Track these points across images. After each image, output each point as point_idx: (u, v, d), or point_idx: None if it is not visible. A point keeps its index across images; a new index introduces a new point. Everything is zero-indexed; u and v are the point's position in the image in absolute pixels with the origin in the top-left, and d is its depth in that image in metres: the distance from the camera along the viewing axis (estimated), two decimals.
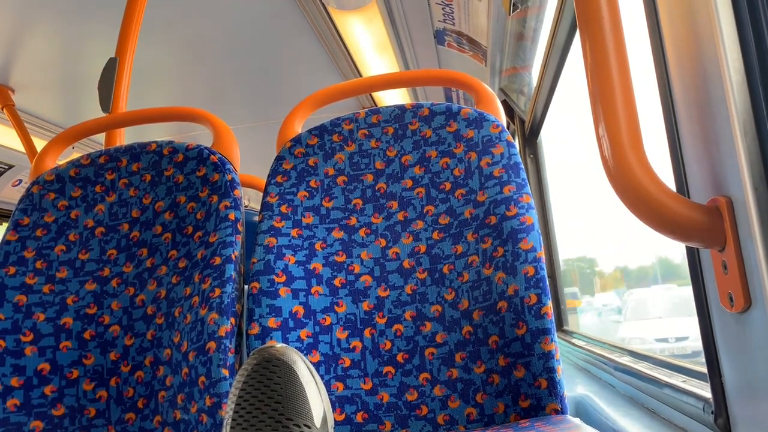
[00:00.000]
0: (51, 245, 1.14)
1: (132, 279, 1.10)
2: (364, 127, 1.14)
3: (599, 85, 0.60)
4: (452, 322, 0.96)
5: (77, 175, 1.19)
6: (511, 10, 1.84)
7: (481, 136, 1.06)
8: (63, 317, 1.07)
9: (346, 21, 2.40)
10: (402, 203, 1.07)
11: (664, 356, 1.14)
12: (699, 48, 0.59)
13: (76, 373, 1.04)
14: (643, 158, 0.59)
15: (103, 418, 1.01)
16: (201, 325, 0.96)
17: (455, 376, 0.93)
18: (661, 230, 0.59)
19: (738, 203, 0.55)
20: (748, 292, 0.56)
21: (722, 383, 0.65)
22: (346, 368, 0.97)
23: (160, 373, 1.00)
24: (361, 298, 1.01)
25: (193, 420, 0.91)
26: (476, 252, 0.97)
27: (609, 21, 0.60)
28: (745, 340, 0.58)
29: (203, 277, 1.01)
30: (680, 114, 0.66)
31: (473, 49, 2.52)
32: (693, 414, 0.82)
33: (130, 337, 1.05)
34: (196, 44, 2.51)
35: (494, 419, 0.89)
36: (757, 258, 0.53)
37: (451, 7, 2.29)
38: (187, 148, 1.15)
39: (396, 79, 1.29)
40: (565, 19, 1.63)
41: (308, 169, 1.12)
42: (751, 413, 0.60)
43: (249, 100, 3.15)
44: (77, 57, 2.50)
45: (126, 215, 1.15)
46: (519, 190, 0.99)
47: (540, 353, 0.87)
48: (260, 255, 1.03)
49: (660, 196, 0.57)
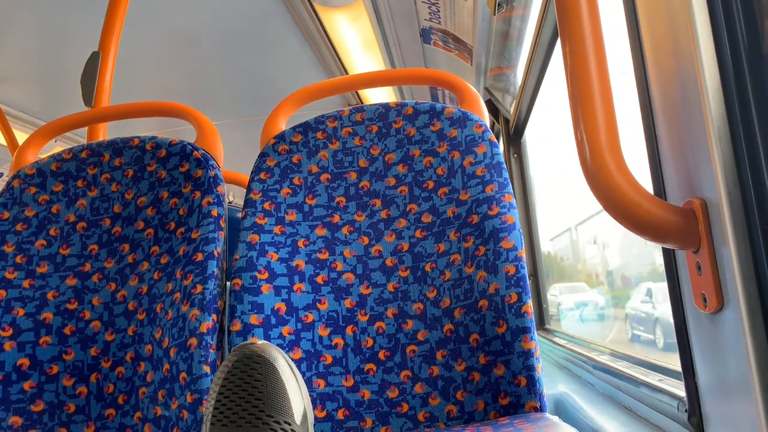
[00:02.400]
0: (31, 240, 1.13)
1: (113, 274, 1.09)
2: (348, 125, 1.14)
3: (579, 89, 0.61)
4: (434, 320, 0.97)
5: (59, 169, 1.18)
6: (497, 9, 1.85)
7: (465, 135, 1.07)
8: (43, 312, 1.07)
9: (333, 18, 2.40)
10: (385, 201, 1.08)
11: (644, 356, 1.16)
12: (676, 55, 0.60)
13: (56, 369, 1.03)
14: (621, 161, 0.60)
15: (83, 414, 1.01)
16: (182, 322, 0.95)
17: (436, 373, 0.93)
18: (637, 231, 0.60)
19: (712, 205, 0.56)
20: (721, 293, 0.57)
21: (696, 382, 0.67)
22: (327, 365, 0.97)
23: (141, 369, 1.00)
24: (344, 296, 1.02)
25: (174, 416, 0.91)
26: (458, 250, 0.98)
27: (589, 26, 0.61)
28: (718, 340, 0.59)
29: (185, 273, 1.00)
30: (658, 118, 0.67)
31: (459, 48, 2.53)
32: (668, 412, 0.83)
33: (111, 332, 1.05)
34: (180, 39, 2.50)
35: (474, 417, 0.90)
36: (729, 259, 0.54)
37: (437, 6, 2.29)
38: (170, 144, 1.15)
39: (380, 77, 1.30)
40: (549, 19, 1.64)
41: (292, 167, 1.12)
42: (723, 412, 0.61)
43: (234, 96, 3.14)
44: (60, 50, 2.47)
45: (108, 210, 1.14)
46: (501, 190, 1.00)
47: (520, 351, 0.88)
48: (243, 252, 1.03)
49: (636, 197, 0.58)
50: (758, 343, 0.52)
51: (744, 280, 0.53)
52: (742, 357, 0.53)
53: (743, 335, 0.53)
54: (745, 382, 0.53)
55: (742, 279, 0.53)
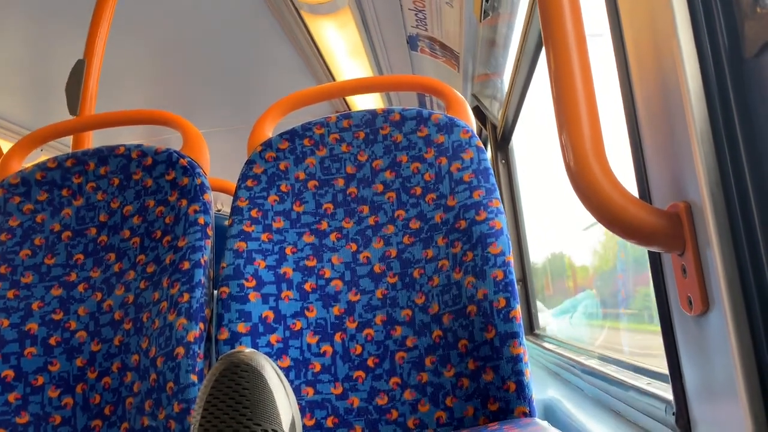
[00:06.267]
0: (15, 250, 1.12)
1: (99, 284, 1.08)
2: (335, 131, 1.14)
3: (563, 93, 0.61)
4: (422, 326, 0.96)
5: (43, 178, 1.17)
6: (482, 16, 1.86)
7: (452, 141, 1.07)
8: (28, 323, 1.05)
9: (320, 25, 2.40)
10: (373, 208, 1.08)
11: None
12: (659, 58, 0.61)
13: (41, 380, 1.02)
14: (605, 164, 0.60)
15: (69, 425, 1.00)
16: (169, 331, 0.95)
17: (425, 380, 0.93)
18: (622, 234, 0.61)
19: (696, 208, 0.57)
20: (706, 296, 0.57)
21: (683, 385, 0.67)
22: (316, 373, 0.97)
23: (128, 379, 0.99)
24: (332, 303, 1.01)
25: (162, 426, 0.90)
26: (446, 256, 0.98)
27: (573, 32, 0.61)
28: (704, 343, 0.59)
29: (172, 281, 1.00)
30: (642, 122, 0.68)
31: (446, 54, 2.54)
32: (656, 416, 0.84)
33: (97, 342, 1.04)
34: (166, 47, 2.49)
35: (464, 423, 0.89)
36: (714, 262, 0.54)
37: (424, 13, 2.30)
38: (156, 152, 1.14)
39: (367, 84, 1.30)
40: (534, 26, 1.65)
41: (279, 174, 1.12)
42: (710, 414, 0.61)
43: (220, 104, 3.13)
44: (44, 57, 2.46)
45: (93, 219, 1.13)
46: (488, 195, 1.00)
47: (509, 356, 0.88)
48: (230, 259, 1.02)
49: (621, 201, 0.59)
50: (743, 345, 0.52)
51: (729, 283, 0.53)
52: (728, 359, 0.53)
53: (729, 337, 0.53)
54: (732, 384, 0.53)
55: (727, 281, 0.53)
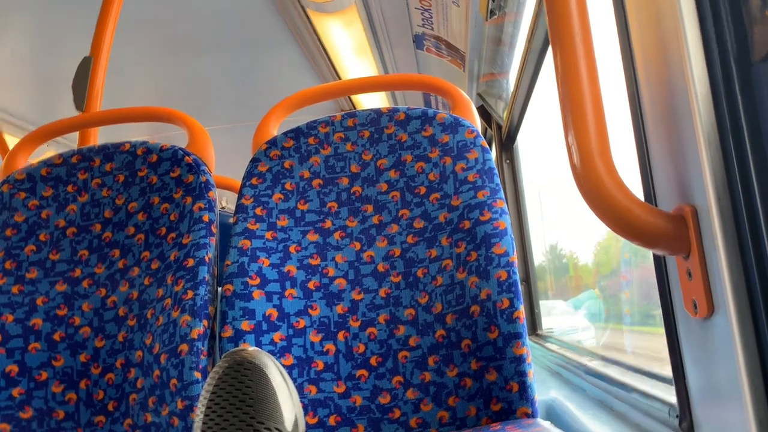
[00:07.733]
0: (21, 245, 1.12)
1: (103, 280, 1.08)
2: (340, 130, 1.14)
3: (569, 94, 0.61)
4: (425, 326, 0.96)
5: (49, 174, 1.17)
6: (489, 16, 1.85)
7: (456, 141, 1.07)
8: (32, 318, 1.06)
9: (325, 23, 2.40)
10: (377, 207, 1.08)
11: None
12: (666, 61, 0.61)
13: (45, 375, 1.03)
14: (611, 166, 0.60)
15: (73, 420, 1.00)
16: (173, 327, 0.95)
17: (428, 379, 0.93)
18: (628, 237, 0.61)
19: (702, 212, 0.56)
20: (711, 299, 0.57)
21: (686, 388, 0.67)
22: (319, 371, 0.97)
23: (131, 375, 0.99)
24: (335, 302, 1.02)
25: (165, 423, 0.91)
26: (450, 256, 0.98)
27: (580, 33, 0.61)
28: (708, 346, 0.59)
29: (176, 278, 1.00)
30: (648, 124, 0.67)
31: (452, 54, 2.54)
32: (659, 418, 0.84)
33: (101, 338, 1.04)
34: (173, 44, 2.49)
35: (466, 422, 0.89)
36: (719, 266, 0.54)
37: (430, 12, 2.30)
38: (162, 149, 1.14)
39: (373, 83, 1.30)
40: (541, 26, 1.65)
41: (283, 172, 1.12)
42: (714, 417, 0.61)
43: (226, 101, 3.13)
44: (51, 54, 2.46)
45: (98, 215, 1.14)
46: (493, 195, 1.00)
47: (512, 357, 0.88)
48: (234, 257, 1.02)
49: (627, 203, 0.59)
50: (748, 349, 0.52)
51: (734, 286, 0.53)
52: (732, 362, 0.53)
53: (733, 341, 0.53)
54: (736, 387, 0.53)
55: (732, 285, 0.53)
